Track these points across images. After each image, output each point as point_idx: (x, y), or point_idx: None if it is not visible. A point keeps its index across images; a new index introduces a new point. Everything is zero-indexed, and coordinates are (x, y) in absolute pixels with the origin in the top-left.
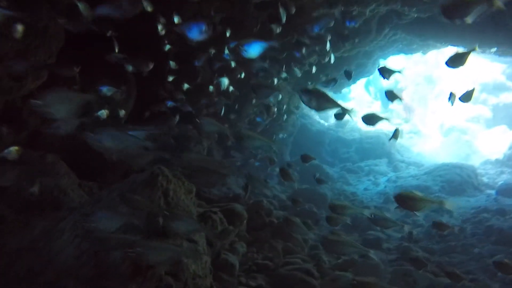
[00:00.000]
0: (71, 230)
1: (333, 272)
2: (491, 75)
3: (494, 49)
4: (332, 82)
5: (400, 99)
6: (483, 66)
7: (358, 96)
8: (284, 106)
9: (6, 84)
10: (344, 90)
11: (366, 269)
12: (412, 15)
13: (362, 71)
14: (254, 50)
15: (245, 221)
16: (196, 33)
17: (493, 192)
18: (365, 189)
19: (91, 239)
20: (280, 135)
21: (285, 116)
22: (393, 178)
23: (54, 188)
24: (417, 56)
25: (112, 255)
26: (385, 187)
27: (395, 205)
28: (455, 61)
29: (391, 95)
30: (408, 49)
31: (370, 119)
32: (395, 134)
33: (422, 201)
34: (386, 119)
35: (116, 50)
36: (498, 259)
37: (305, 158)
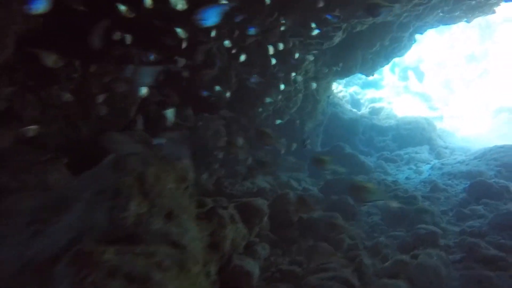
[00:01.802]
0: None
1: (380, 280)
2: None
3: None
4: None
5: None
6: None
7: (390, 83)
8: (313, 88)
9: None
10: (376, 77)
11: (423, 273)
12: None
13: (397, 47)
14: (210, 17)
15: (265, 218)
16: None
17: None
18: (407, 178)
19: None
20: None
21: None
22: (438, 165)
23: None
24: (457, 33)
25: None
26: (430, 174)
27: (445, 193)
28: None
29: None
30: (449, 18)
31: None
32: None
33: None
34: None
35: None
36: None
37: (316, 162)
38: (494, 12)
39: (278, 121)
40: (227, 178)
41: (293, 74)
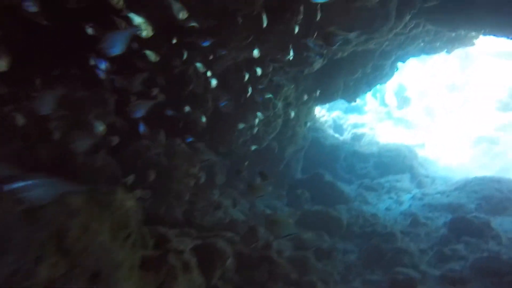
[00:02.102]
0: None
1: None
2: None
3: None
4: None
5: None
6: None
7: (373, 109)
8: (292, 115)
9: None
10: (359, 103)
11: None
12: None
13: (379, 75)
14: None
15: (229, 260)
16: None
17: None
18: (387, 208)
19: None
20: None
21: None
22: (419, 195)
23: None
24: (439, 63)
25: None
26: (410, 206)
27: (425, 228)
28: None
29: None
30: (430, 48)
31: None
32: None
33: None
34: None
35: None
36: None
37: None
38: (473, 44)
39: (253, 147)
40: (198, 208)
41: (272, 98)
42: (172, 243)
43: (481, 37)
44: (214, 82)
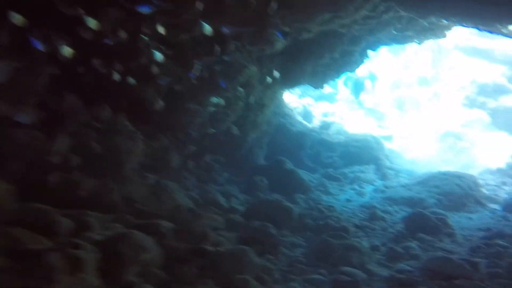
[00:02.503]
0: None
1: None
2: (490, 76)
3: None
4: None
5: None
6: (482, 66)
7: (344, 97)
8: (254, 99)
9: None
10: (331, 91)
11: None
12: None
13: (348, 61)
14: None
15: (147, 255)
16: None
17: (497, 207)
18: (348, 200)
19: None
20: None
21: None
22: (381, 188)
23: None
24: (411, 55)
25: None
26: (372, 198)
27: (383, 223)
28: None
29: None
30: (402, 37)
31: None
32: None
33: None
34: None
35: None
36: None
37: None
38: (445, 36)
39: (211, 130)
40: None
41: (233, 79)
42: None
43: (453, 31)
44: (160, 56)
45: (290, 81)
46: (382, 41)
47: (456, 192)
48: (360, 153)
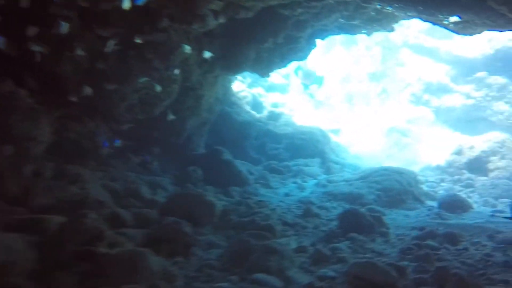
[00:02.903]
0: None
1: None
2: (435, 75)
3: (455, 19)
4: None
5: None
6: (427, 65)
7: (296, 89)
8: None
9: None
10: (283, 82)
11: None
12: None
13: (294, 49)
14: None
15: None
16: None
17: (434, 204)
18: (287, 194)
19: None
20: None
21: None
22: (323, 182)
23: None
24: (362, 50)
25: None
26: (312, 192)
27: (316, 220)
28: None
29: None
30: (349, 27)
31: None
32: None
33: None
34: None
35: None
36: None
37: None
38: (393, 29)
39: (143, 115)
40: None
41: (166, 58)
42: None
43: (401, 25)
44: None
45: (232, 66)
46: (330, 30)
47: (396, 188)
48: (306, 146)
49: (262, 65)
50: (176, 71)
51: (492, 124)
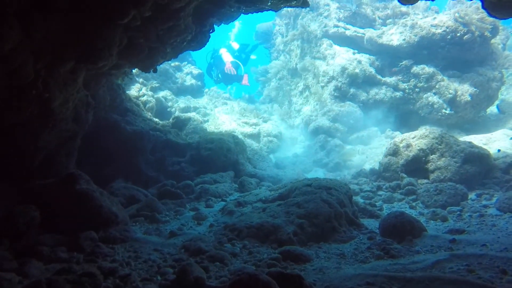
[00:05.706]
0: None
1: None
2: (360, 67)
3: None
4: None
5: None
6: (350, 56)
7: (214, 90)
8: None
9: None
10: (194, 82)
11: None
12: None
13: (180, 34)
14: None
15: None
16: None
17: (376, 224)
18: (173, 233)
19: None
20: None
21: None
22: (231, 206)
23: None
24: (280, 45)
25: None
26: (210, 226)
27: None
28: None
29: None
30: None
31: None
32: None
33: None
34: None
35: None
36: None
37: None
38: (307, 3)
39: None
40: None
41: None
42: None
43: (320, 16)
44: None
45: (89, 54)
46: (229, 12)
47: (323, 213)
48: (215, 157)
49: (141, 56)
50: None
51: (423, 118)
